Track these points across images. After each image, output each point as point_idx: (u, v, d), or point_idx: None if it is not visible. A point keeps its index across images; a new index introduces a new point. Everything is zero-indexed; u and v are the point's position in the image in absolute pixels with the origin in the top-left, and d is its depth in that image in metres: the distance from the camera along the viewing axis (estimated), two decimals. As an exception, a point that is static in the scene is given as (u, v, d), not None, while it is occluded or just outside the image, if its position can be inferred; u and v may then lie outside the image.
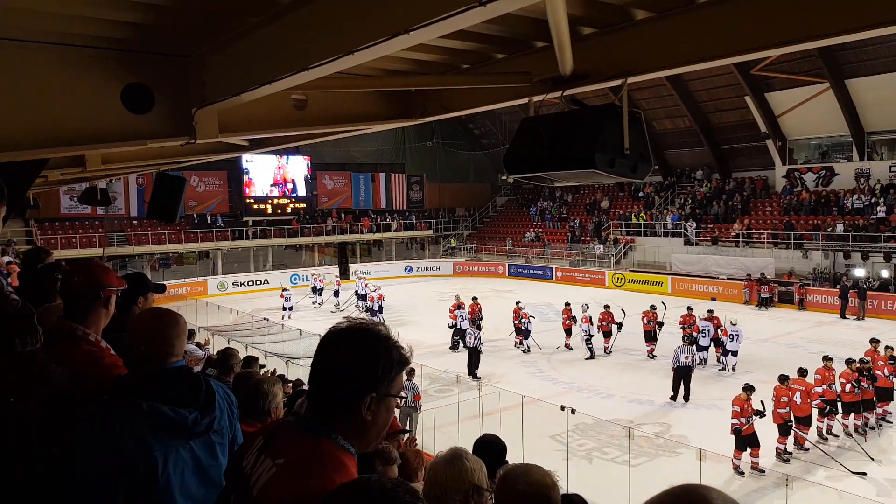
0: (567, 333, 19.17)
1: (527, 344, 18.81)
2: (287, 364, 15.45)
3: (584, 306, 18.64)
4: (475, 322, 18.14)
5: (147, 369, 2.10)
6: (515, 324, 18.96)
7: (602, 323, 18.57)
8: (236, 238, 34.09)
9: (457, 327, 19.39)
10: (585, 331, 17.95)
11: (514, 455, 8.07)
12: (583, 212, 38.05)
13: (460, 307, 19.71)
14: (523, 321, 18.77)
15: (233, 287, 31.65)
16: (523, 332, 18.81)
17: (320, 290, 28.05)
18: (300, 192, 36.92)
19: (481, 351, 16.66)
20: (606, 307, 18.89)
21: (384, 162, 41.75)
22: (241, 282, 32.35)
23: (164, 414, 2.00)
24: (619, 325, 18.20)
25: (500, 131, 40.03)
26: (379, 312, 23.05)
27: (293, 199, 36.69)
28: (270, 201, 35.94)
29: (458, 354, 18.14)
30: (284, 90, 3.41)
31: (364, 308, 24.28)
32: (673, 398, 14.00)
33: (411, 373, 12.10)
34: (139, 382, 2.05)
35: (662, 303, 18.23)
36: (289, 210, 36.46)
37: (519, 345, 18.93)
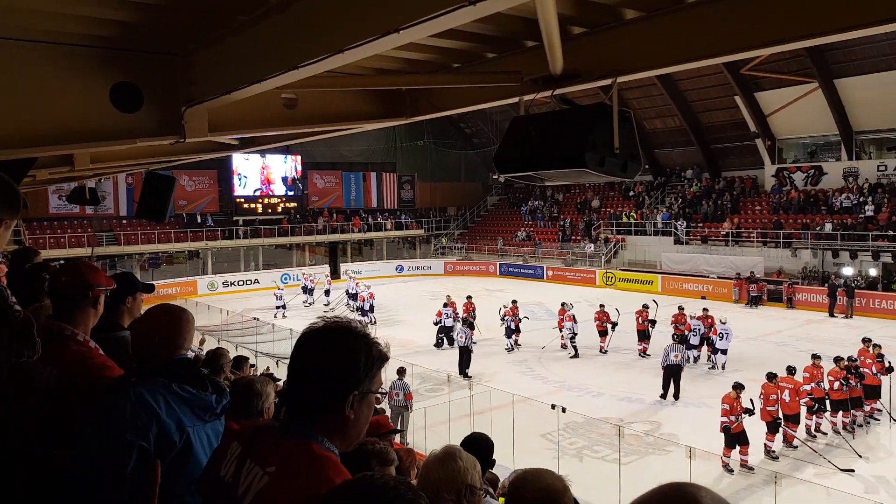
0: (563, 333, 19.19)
1: (510, 342, 18.89)
2: (277, 364, 15.36)
3: (569, 305, 18.69)
4: (467, 321, 18.12)
5: (157, 361, 2.18)
6: (511, 321, 18.96)
7: (597, 322, 18.61)
8: (226, 237, 33.90)
9: (441, 325, 19.34)
10: (570, 329, 18.02)
11: (505, 454, 8.09)
12: (574, 211, 38.14)
13: (446, 305, 19.66)
14: (506, 319, 18.84)
15: (223, 287, 31.52)
16: (510, 331, 18.87)
17: (311, 290, 28.01)
18: (290, 192, 36.79)
19: (472, 350, 16.67)
20: (602, 306, 18.93)
21: (375, 161, 41.68)
22: (232, 281, 32.23)
23: (192, 393, 2.11)
24: (614, 325, 18.27)
25: (492, 130, 40.06)
26: (370, 312, 23.05)
27: (283, 199, 36.55)
28: (261, 201, 35.80)
29: (449, 354, 18.05)
30: (274, 89, 3.39)
31: (355, 307, 24.26)
32: (663, 396, 14.07)
33: (402, 372, 12.10)
34: (156, 370, 2.13)
35: (654, 301, 18.34)
36: (279, 209, 36.31)
37: (515, 344, 18.98)
